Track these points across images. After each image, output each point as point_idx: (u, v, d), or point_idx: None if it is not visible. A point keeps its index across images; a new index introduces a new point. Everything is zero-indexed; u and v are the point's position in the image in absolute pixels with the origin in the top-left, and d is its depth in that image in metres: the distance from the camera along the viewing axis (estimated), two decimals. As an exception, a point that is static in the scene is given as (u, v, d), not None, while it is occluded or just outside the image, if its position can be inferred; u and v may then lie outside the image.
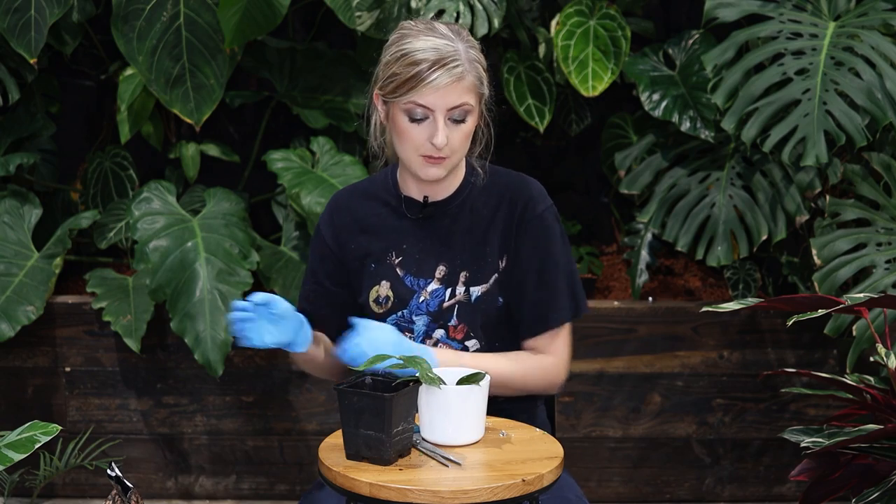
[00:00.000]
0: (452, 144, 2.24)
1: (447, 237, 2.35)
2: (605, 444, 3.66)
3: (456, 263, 2.34)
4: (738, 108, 3.35)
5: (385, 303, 2.36)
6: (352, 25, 3.53)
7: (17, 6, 3.49)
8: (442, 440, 2.05)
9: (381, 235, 2.37)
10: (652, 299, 3.72)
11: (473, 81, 2.24)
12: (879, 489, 2.56)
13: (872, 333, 2.89)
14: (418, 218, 2.36)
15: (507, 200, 2.35)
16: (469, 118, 2.25)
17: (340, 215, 2.41)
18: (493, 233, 2.34)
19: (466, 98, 2.22)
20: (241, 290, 3.44)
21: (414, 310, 2.34)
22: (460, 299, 2.33)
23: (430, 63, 2.20)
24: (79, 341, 3.63)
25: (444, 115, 2.22)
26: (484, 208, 2.35)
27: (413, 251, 2.35)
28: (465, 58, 2.23)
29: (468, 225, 2.35)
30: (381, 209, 2.38)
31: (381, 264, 2.36)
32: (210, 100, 3.60)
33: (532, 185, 2.39)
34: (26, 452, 2.19)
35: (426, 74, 2.20)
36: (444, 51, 2.22)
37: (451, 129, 2.23)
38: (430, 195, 2.35)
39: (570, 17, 3.66)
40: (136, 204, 3.56)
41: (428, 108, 2.22)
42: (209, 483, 3.71)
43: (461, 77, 2.21)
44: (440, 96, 2.21)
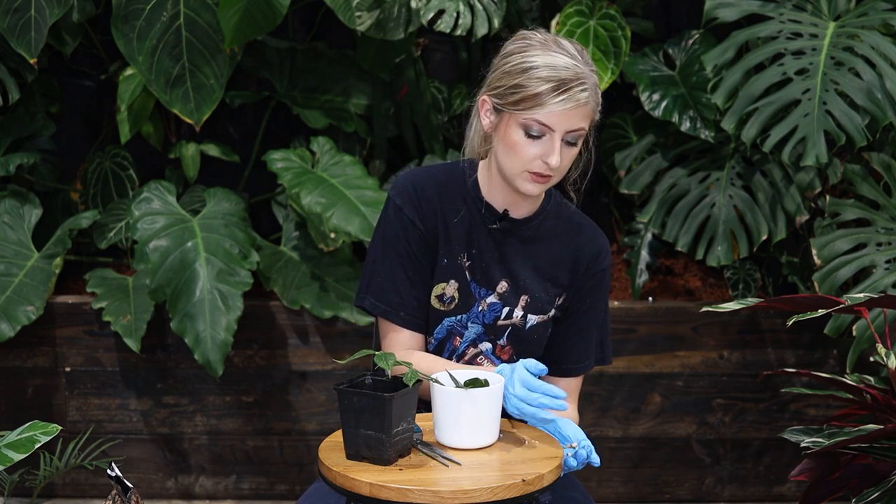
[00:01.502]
0: (561, 166, 2.21)
1: (516, 256, 2.32)
2: (605, 444, 3.66)
3: (518, 284, 2.32)
4: (738, 108, 3.35)
5: (449, 302, 2.31)
6: (352, 25, 3.53)
7: (17, 6, 3.49)
8: (457, 443, 2.05)
9: (457, 233, 2.32)
10: (652, 299, 3.72)
11: (594, 107, 2.21)
12: (879, 489, 2.56)
13: (872, 333, 2.89)
14: (494, 228, 2.32)
15: (582, 244, 2.34)
16: (580, 142, 2.22)
17: (423, 197, 2.31)
18: (560, 269, 2.33)
19: (584, 123, 2.19)
20: (241, 290, 3.44)
21: (472, 317, 2.32)
22: (516, 322, 2.32)
23: (557, 83, 2.15)
24: (79, 341, 3.63)
25: (562, 137, 2.18)
26: (556, 241, 2.34)
27: (482, 259, 2.31)
28: (591, 83, 2.19)
29: (538, 251, 2.33)
30: (461, 206, 2.32)
31: (452, 262, 2.31)
32: (210, 100, 3.60)
33: (603, 236, 2.39)
34: (26, 452, 2.19)
35: (554, 96, 2.15)
36: (573, 72, 2.16)
37: (564, 151, 2.20)
38: (511, 209, 2.31)
39: (570, 17, 3.66)
40: (136, 204, 3.56)
41: (547, 127, 2.17)
42: (209, 483, 3.71)
43: (587, 103, 2.17)
44: (562, 118, 2.16)
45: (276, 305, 3.63)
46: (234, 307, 3.42)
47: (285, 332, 3.62)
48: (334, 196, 3.53)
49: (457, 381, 2.06)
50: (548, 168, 2.19)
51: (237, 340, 3.47)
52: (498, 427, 2.08)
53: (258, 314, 3.62)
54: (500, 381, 2.07)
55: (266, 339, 3.64)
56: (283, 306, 3.63)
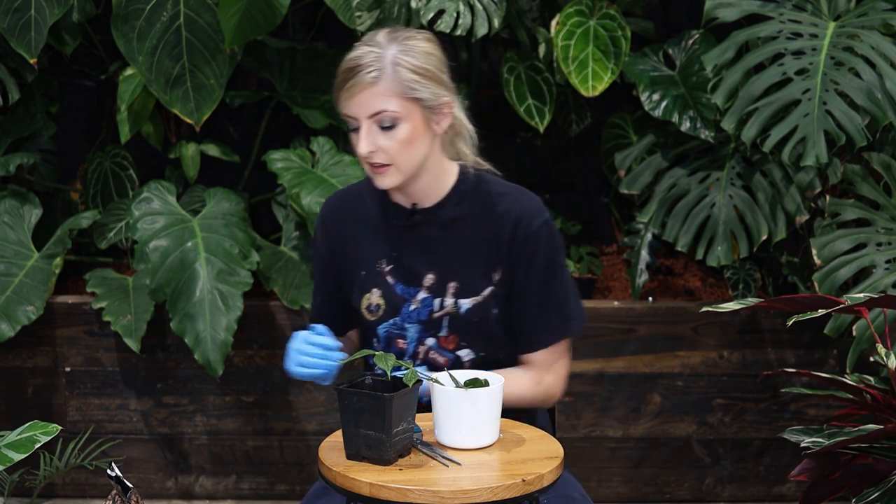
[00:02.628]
0: (388, 152, 2.20)
1: (435, 246, 2.32)
2: (605, 444, 3.66)
3: (445, 273, 2.31)
4: (738, 108, 3.35)
5: (376, 311, 2.34)
6: (352, 25, 3.53)
7: (17, 6, 3.49)
8: (457, 443, 2.05)
9: (371, 242, 2.35)
10: (652, 299, 3.72)
11: (395, 87, 2.18)
12: (879, 489, 2.56)
13: (872, 333, 2.89)
14: (406, 225, 2.33)
15: (501, 213, 2.30)
16: (401, 125, 2.20)
17: (332, 221, 2.40)
18: (485, 245, 2.31)
19: (387, 105, 2.18)
20: (241, 289, 3.44)
21: (406, 318, 2.33)
22: (449, 311, 2.31)
23: (343, 74, 2.21)
24: (79, 341, 3.63)
25: (367, 123, 2.19)
26: (475, 219, 2.32)
27: (402, 259, 2.33)
28: (388, 62, 2.19)
29: (458, 234, 2.32)
30: (371, 215, 2.36)
31: (371, 272, 2.34)
32: (210, 100, 3.60)
33: (528, 199, 2.33)
34: (26, 452, 2.19)
35: (342, 83, 2.21)
36: (363, 59, 2.19)
37: (381, 137, 2.20)
38: (418, 202, 2.32)
39: (570, 17, 3.66)
40: (136, 204, 3.56)
41: (353, 118, 2.21)
42: (209, 483, 3.71)
43: (373, 83, 2.17)
44: (358, 104, 2.19)
45: (276, 305, 3.63)
46: (234, 307, 3.42)
47: (285, 332, 3.62)
48: (334, 196, 3.53)
49: (457, 381, 2.06)
50: (368, 156, 2.21)
51: (237, 340, 3.46)
52: (498, 427, 2.08)
53: (258, 314, 3.62)
54: (500, 380, 2.07)
55: (266, 339, 3.64)
56: (283, 306, 3.63)
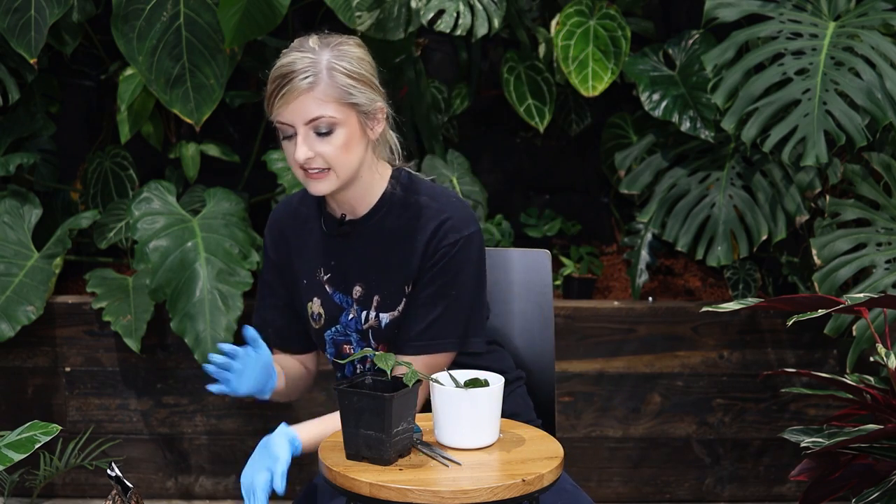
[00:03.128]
0: (326, 158, 2.18)
1: (362, 258, 2.31)
2: (605, 444, 3.66)
3: (371, 285, 2.30)
4: (738, 108, 3.35)
5: (318, 319, 2.35)
6: (352, 25, 3.53)
7: (17, 6, 3.49)
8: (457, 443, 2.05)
9: (310, 251, 2.35)
10: (652, 299, 3.72)
11: (332, 92, 2.17)
12: (879, 489, 2.56)
13: (872, 333, 2.89)
14: (337, 235, 2.32)
15: (423, 226, 2.27)
16: (338, 130, 2.18)
17: (276, 229, 2.40)
18: (405, 258, 2.28)
19: (324, 110, 2.16)
20: (241, 289, 3.44)
21: (346, 326, 2.33)
22: (373, 324, 2.31)
23: (276, 81, 2.19)
24: (79, 341, 3.63)
25: (304, 129, 2.17)
26: (400, 231, 2.29)
27: (338, 269, 2.33)
28: (323, 67, 2.17)
29: (383, 247, 2.30)
30: (311, 224, 2.36)
31: (311, 280, 2.35)
32: (210, 100, 3.60)
33: (455, 210, 2.28)
34: (26, 452, 2.19)
35: (275, 90, 2.18)
36: (297, 64, 2.17)
37: (318, 143, 2.18)
38: (348, 212, 2.31)
39: (570, 17, 3.66)
40: (136, 204, 3.56)
41: (288, 125, 2.19)
42: (209, 483, 3.71)
43: (310, 88, 2.16)
44: (294, 111, 2.17)
45: (276, 305, 3.63)
46: (234, 307, 3.42)
47: (285, 332, 3.61)
48: (334, 196, 3.53)
49: (457, 381, 2.06)
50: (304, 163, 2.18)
51: (237, 340, 3.46)
52: (498, 427, 2.08)
53: (258, 314, 3.61)
54: (500, 380, 2.07)
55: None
56: (283, 306, 3.62)
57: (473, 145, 4.06)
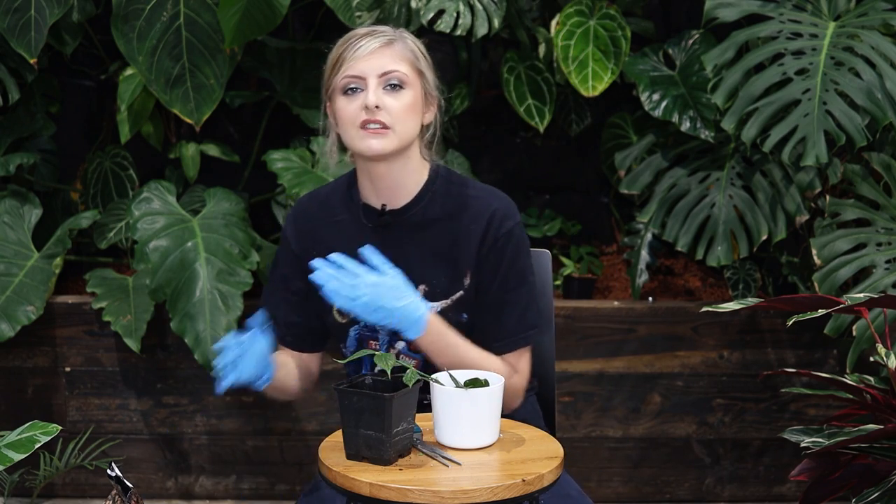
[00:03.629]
0: (391, 112, 2.23)
1: (406, 247, 2.31)
2: (605, 444, 3.66)
3: (414, 276, 2.29)
4: (738, 108, 3.35)
5: (347, 314, 2.32)
6: (352, 25, 3.53)
7: (17, 6, 3.49)
8: (457, 443, 2.05)
9: (342, 244, 2.32)
10: (652, 299, 3.72)
11: (406, 53, 2.26)
12: (879, 489, 2.56)
13: (872, 333, 2.89)
14: (376, 226, 2.32)
15: (473, 215, 2.30)
16: (407, 90, 2.25)
17: (303, 221, 2.39)
18: (456, 248, 2.29)
19: (398, 65, 2.24)
20: (241, 290, 3.44)
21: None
22: None
23: (359, 36, 2.27)
24: (79, 341, 3.63)
25: (376, 81, 2.23)
26: (446, 220, 2.31)
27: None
28: (398, 35, 2.28)
29: (427, 237, 2.30)
30: (342, 216, 2.35)
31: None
32: (210, 100, 3.60)
33: (500, 201, 2.33)
34: (26, 452, 2.19)
35: (356, 43, 2.26)
36: (376, 29, 2.29)
37: (388, 96, 2.24)
38: (389, 202, 2.31)
39: (570, 17, 3.66)
40: (136, 204, 3.57)
41: (360, 77, 2.24)
42: (209, 483, 3.71)
43: (389, 43, 2.25)
44: (369, 63, 2.24)
45: (276, 305, 3.63)
46: (234, 307, 3.42)
47: (285, 332, 3.62)
48: (334, 196, 3.53)
49: (457, 381, 2.06)
50: (371, 112, 2.21)
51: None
52: (498, 427, 2.08)
53: (258, 314, 3.61)
54: (501, 380, 2.07)
55: (266, 339, 3.63)
56: (283, 306, 3.62)
57: (473, 145, 4.06)
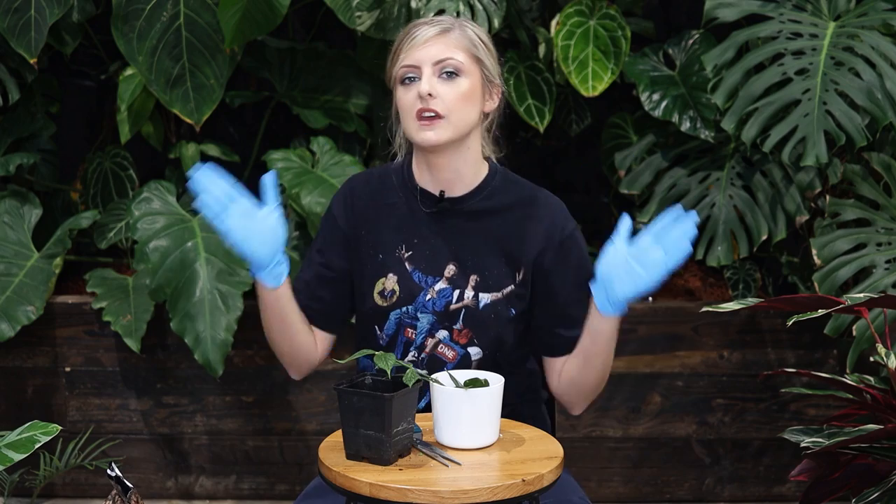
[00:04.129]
0: (445, 100, 2.22)
1: (460, 236, 2.30)
2: (605, 444, 3.66)
3: (467, 265, 2.29)
4: (738, 108, 3.35)
5: (390, 296, 2.30)
6: (352, 25, 3.53)
7: (17, 6, 3.49)
8: (457, 443, 2.05)
9: (393, 226, 2.31)
10: (652, 299, 3.72)
11: (463, 41, 2.24)
12: (879, 489, 2.56)
13: (872, 333, 2.89)
14: (432, 212, 2.30)
15: (534, 215, 2.31)
16: (463, 78, 2.23)
17: (354, 199, 2.35)
18: (512, 243, 2.29)
19: (453, 54, 2.23)
20: (241, 289, 3.44)
21: (420, 307, 2.29)
22: (468, 304, 2.28)
23: (412, 28, 2.26)
24: (79, 341, 3.63)
25: (431, 69, 2.22)
26: (505, 213, 2.31)
27: (424, 247, 2.30)
28: (456, 24, 2.26)
29: (484, 228, 2.30)
30: (396, 199, 2.33)
31: (389, 256, 2.31)
32: (210, 100, 3.60)
33: (558, 203, 2.36)
34: (26, 452, 2.19)
35: (413, 32, 2.24)
36: (434, 19, 2.27)
37: (442, 84, 2.22)
38: (447, 190, 2.30)
39: (570, 17, 3.66)
40: (136, 204, 3.57)
41: (416, 67, 2.23)
42: (209, 483, 3.71)
43: (446, 32, 2.23)
44: (425, 51, 2.22)
45: (276, 305, 3.63)
46: (234, 307, 3.42)
47: (285, 332, 3.61)
48: (334, 196, 3.53)
49: (457, 381, 2.06)
50: (424, 100, 2.20)
51: (237, 340, 3.46)
52: (498, 427, 2.08)
53: (258, 314, 3.61)
54: (500, 380, 2.07)
55: (266, 340, 3.63)
56: (283, 306, 3.62)
57: (473, 145, 4.06)
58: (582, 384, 2.32)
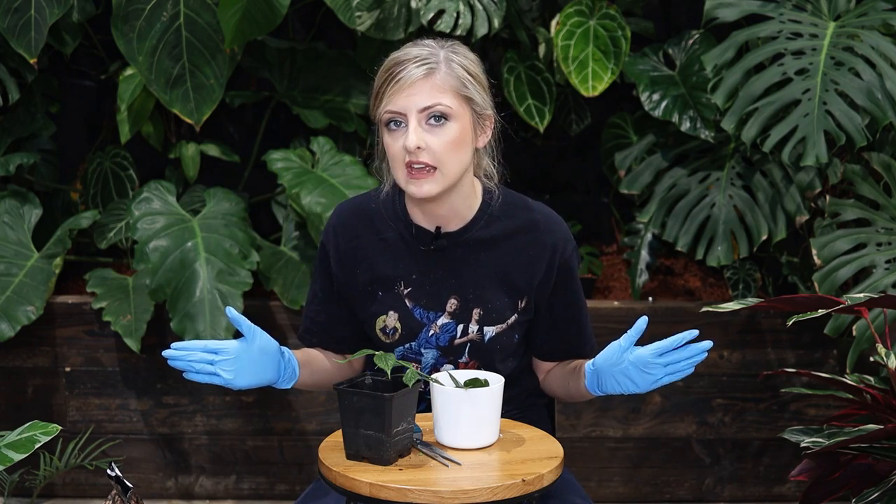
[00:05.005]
0: (434, 151, 2.10)
1: (460, 270, 2.23)
2: (605, 444, 3.66)
3: (468, 298, 2.23)
4: (738, 108, 3.35)
5: (392, 334, 2.26)
6: (352, 25, 3.53)
7: (17, 6, 3.49)
8: (457, 443, 2.05)
9: (390, 263, 2.24)
10: (652, 299, 3.72)
11: (450, 81, 2.10)
12: (879, 489, 2.56)
13: (872, 333, 2.89)
14: (430, 249, 2.23)
15: (535, 241, 2.24)
16: (451, 123, 2.11)
17: (345, 237, 2.27)
18: (514, 272, 2.24)
19: (441, 98, 2.09)
20: (241, 289, 3.44)
21: (423, 343, 2.26)
22: (473, 338, 2.25)
23: (394, 66, 2.11)
24: (79, 341, 3.63)
25: (417, 117, 2.09)
26: (505, 243, 2.24)
27: (423, 282, 2.23)
28: (442, 59, 2.11)
29: (485, 259, 2.23)
30: (389, 234, 2.25)
31: (389, 293, 2.25)
32: (210, 100, 3.60)
33: (558, 224, 2.28)
34: (26, 452, 2.19)
35: (396, 73, 2.10)
36: (418, 54, 2.12)
37: (429, 135, 2.10)
38: (443, 225, 2.22)
39: (570, 17, 3.66)
40: (136, 204, 3.57)
41: (399, 113, 2.10)
42: (209, 483, 3.71)
43: (430, 73, 2.09)
44: (409, 96, 2.09)
45: (276, 305, 3.64)
46: (233, 307, 3.42)
47: (285, 332, 3.62)
48: (334, 196, 3.53)
49: (457, 381, 2.06)
50: (412, 153, 2.08)
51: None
52: (498, 427, 2.08)
53: (258, 314, 3.62)
54: (500, 381, 2.07)
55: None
56: (283, 306, 3.63)
57: (473, 145, 4.06)
58: (563, 397, 2.37)
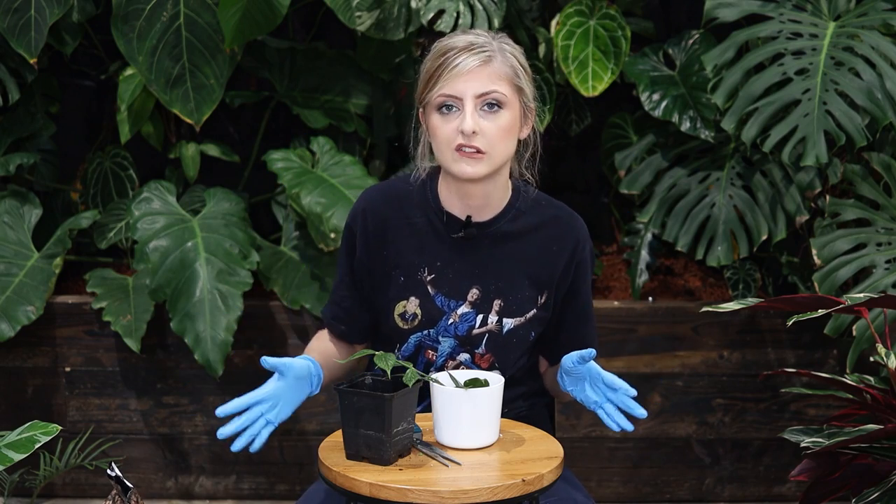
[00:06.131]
0: (487, 136, 2.15)
1: (485, 261, 2.26)
2: (605, 444, 3.66)
3: (490, 289, 2.26)
4: (738, 108, 3.35)
5: (412, 320, 2.27)
6: (352, 25, 3.53)
7: (17, 6, 3.50)
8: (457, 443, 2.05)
9: (415, 248, 2.27)
10: (652, 299, 3.72)
11: (505, 70, 2.16)
12: (879, 489, 2.56)
13: (872, 333, 2.89)
14: (458, 237, 2.26)
15: (558, 237, 2.29)
16: (505, 111, 2.16)
17: (372, 219, 2.29)
18: (536, 267, 2.28)
19: (497, 86, 2.15)
20: (241, 289, 3.44)
21: (441, 331, 2.27)
22: (492, 329, 2.27)
23: (457, 50, 2.15)
24: (79, 341, 3.63)
25: (474, 102, 2.14)
26: (530, 237, 2.28)
27: (447, 270, 2.26)
28: (497, 48, 2.17)
29: (509, 251, 2.27)
30: (418, 220, 2.28)
31: (411, 278, 2.27)
32: (210, 100, 3.60)
33: (581, 223, 2.35)
34: (26, 452, 2.19)
35: (453, 59, 2.14)
36: (473, 41, 2.17)
37: (484, 119, 2.15)
38: (474, 214, 2.26)
39: (570, 17, 3.66)
40: (136, 204, 3.57)
41: (457, 98, 2.14)
42: (209, 483, 3.71)
43: (488, 61, 2.15)
44: (467, 81, 2.13)
45: (276, 305, 3.64)
46: (234, 307, 3.42)
47: (285, 332, 3.62)
48: (334, 196, 3.53)
49: (457, 381, 2.06)
50: (467, 137, 2.13)
51: (237, 340, 3.46)
52: (498, 427, 2.08)
53: (258, 314, 3.62)
54: (500, 380, 2.07)
55: (266, 339, 3.64)
56: (283, 306, 3.63)
57: (473, 145, 4.06)
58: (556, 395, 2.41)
